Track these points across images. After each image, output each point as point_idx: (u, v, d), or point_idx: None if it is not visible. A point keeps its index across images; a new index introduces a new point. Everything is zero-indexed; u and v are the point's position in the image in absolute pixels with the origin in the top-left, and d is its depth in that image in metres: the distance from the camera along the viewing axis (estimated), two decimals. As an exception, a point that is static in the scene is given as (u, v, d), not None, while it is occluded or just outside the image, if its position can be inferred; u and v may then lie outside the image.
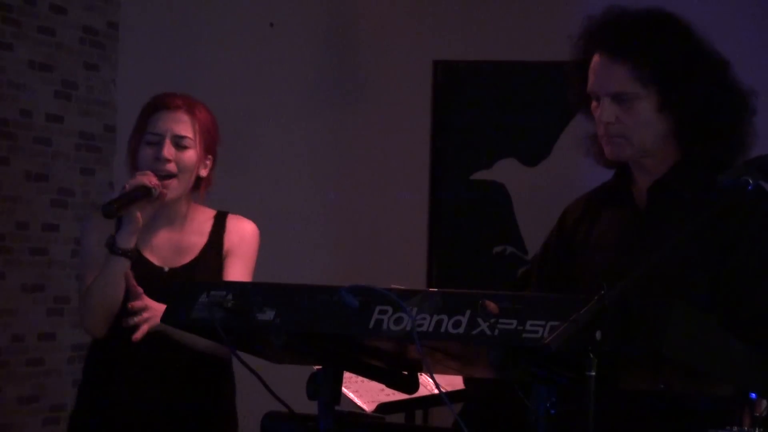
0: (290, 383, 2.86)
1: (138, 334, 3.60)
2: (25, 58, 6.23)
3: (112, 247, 3.70)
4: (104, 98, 6.75)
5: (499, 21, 6.36)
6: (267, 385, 2.85)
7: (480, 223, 6.42)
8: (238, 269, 3.83)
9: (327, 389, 2.72)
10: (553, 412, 2.45)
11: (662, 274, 2.53)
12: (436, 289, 2.55)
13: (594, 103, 3.08)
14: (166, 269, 3.82)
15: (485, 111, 6.46)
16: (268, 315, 2.67)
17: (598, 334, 2.29)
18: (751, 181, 2.54)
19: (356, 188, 6.58)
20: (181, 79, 6.53)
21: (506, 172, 6.40)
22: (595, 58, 3.07)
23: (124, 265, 3.70)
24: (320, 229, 6.59)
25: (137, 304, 3.63)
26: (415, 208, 6.50)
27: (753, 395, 2.46)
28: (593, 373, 2.29)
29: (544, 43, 5.51)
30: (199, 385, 3.83)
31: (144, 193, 3.68)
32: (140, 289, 3.64)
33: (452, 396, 3.51)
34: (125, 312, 3.68)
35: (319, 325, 2.62)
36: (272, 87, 6.67)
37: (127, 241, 3.70)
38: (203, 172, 3.87)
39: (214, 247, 3.83)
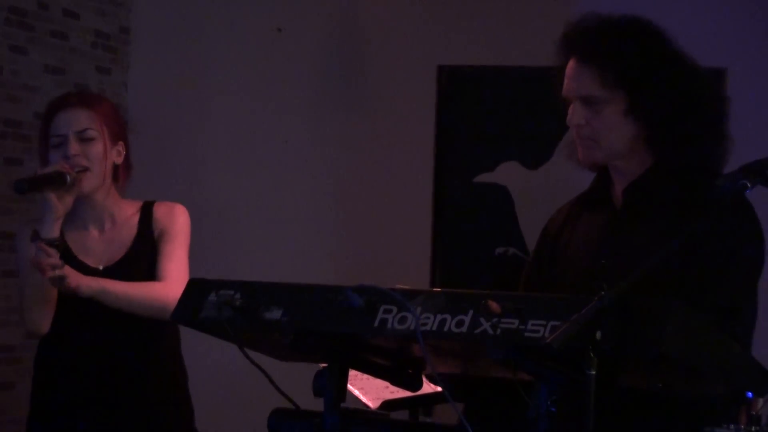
0: (297, 381, 2.86)
1: (71, 282, 3.57)
2: (39, 62, 6.23)
3: (37, 239, 3.64)
4: (116, 101, 6.73)
5: (502, 27, 6.35)
6: (274, 382, 2.85)
7: (483, 225, 6.42)
8: (169, 250, 3.81)
9: (333, 386, 2.72)
10: (553, 409, 2.45)
11: (653, 275, 2.52)
12: (439, 289, 2.55)
13: (570, 107, 3.10)
14: (101, 268, 3.80)
15: (488, 115, 6.46)
16: (276, 314, 2.67)
17: (598, 334, 2.29)
18: (749, 185, 2.54)
19: (362, 190, 6.58)
20: (191, 82, 6.54)
21: (509, 175, 6.40)
22: (570, 63, 3.09)
23: (51, 254, 3.61)
24: (327, 230, 6.58)
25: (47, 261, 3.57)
26: (419, 210, 6.50)
27: (749, 394, 2.46)
28: (593, 372, 2.29)
29: (546, 49, 5.50)
30: (150, 374, 3.83)
31: (56, 178, 3.65)
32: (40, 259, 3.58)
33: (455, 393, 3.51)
34: (62, 306, 3.67)
35: (325, 323, 2.62)
36: (280, 90, 6.67)
37: (49, 230, 3.66)
38: (117, 159, 3.85)
39: (145, 237, 3.82)
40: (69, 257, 3.71)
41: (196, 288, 2.83)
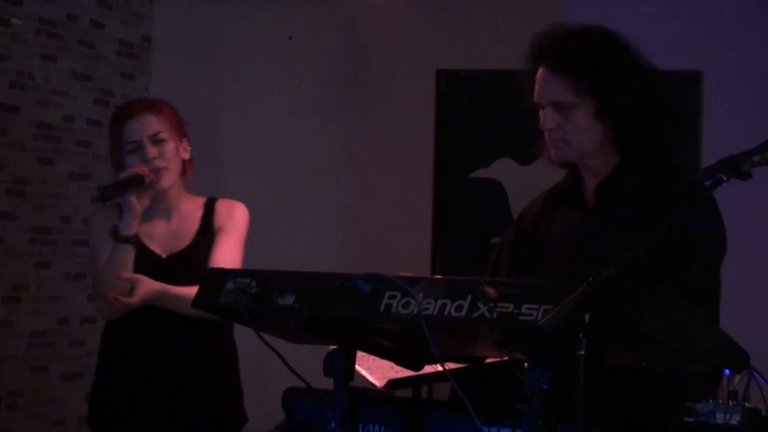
0: (308, 362, 2.86)
1: (136, 298, 3.63)
2: (67, 69, 6.24)
3: (116, 235, 3.70)
4: (139, 105, 6.75)
5: (496, 33, 6.35)
6: (287, 363, 2.85)
7: (479, 217, 6.42)
8: (224, 243, 3.81)
9: (342, 367, 2.72)
10: (546, 387, 2.45)
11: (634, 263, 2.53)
12: (440, 276, 2.55)
13: (541, 111, 3.10)
14: (165, 256, 3.81)
15: (484, 115, 6.46)
16: (288, 300, 2.67)
17: (586, 317, 2.29)
18: (725, 178, 2.54)
19: (367, 185, 6.58)
20: (208, 86, 6.54)
21: (503, 170, 6.40)
22: (540, 71, 3.09)
23: (127, 251, 3.69)
24: (335, 222, 6.59)
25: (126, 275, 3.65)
26: (420, 204, 6.50)
27: (727, 372, 2.46)
28: (582, 352, 2.29)
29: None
30: (205, 358, 3.82)
31: (137, 181, 3.68)
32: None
33: (454, 373, 3.51)
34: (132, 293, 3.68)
35: (335, 308, 2.62)
36: (291, 93, 6.67)
37: (128, 228, 3.70)
38: (185, 156, 3.86)
39: (207, 231, 3.82)
40: (138, 245, 3.73)
41: (215, 276, 2.83)
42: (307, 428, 2.85)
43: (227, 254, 3.78)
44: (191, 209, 3.87)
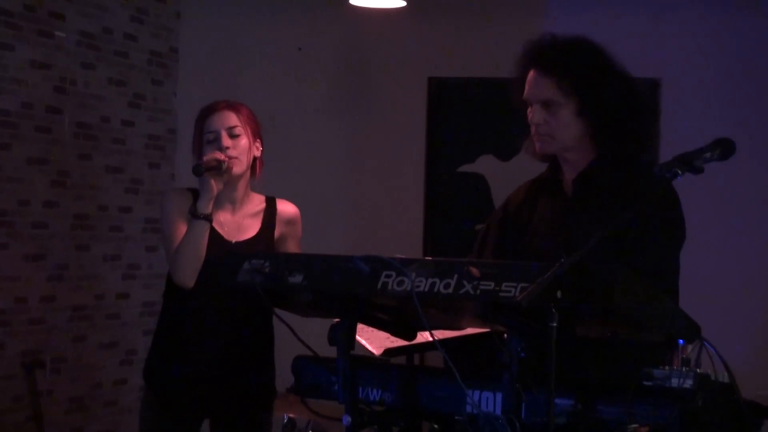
0: (315, 333, 2.86)
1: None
2: (104, 76, 6.22)
3: (195, 213, 3.70)
4: (167, 107, 6.74)
5: (480, 47, 6.34)
6: (297, 334, 2.85)
7: (465, 206, 6.41)
8: (294, 246, 3.87)
9: (344, 337, 2.72)
10: (523, 355, 2.45)
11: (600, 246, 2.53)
12: (430, 258, 2.55)
13: (529, 109, 3.10)
14: (233, 242, 3.81)
15: (469, 117, 6.45)
16: (297, 278, 2.67)
17: (558, 293, 2.29)
18: (680, 172, 2.54)
19: (367, 178, 6.58)
20: (228, 91, 6.50)
21: (486, 165, 6.40)
22: (530, 73, 3.10)
23: (204, 226, 3.70)
24: (339, 211, 6.58)
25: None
26: (413, 194, 6.49)
27: (681, 341, 2.46)
28: (555, 324, 2.29)
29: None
30: (251, 334, 3.82)
31: (217, 164, 3.70)
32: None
33: (443, 343, 3.51)
34: (206, 265, 3.69)
35: (338, 286, 2.62)
36: (300, 97, 6.66)
37: (206, 207, 3.70)
38: (257, 153, 3.87)
39: (269, 227, 3.83)
40: (211, 224, 3.74)
41: (233, 258, 2.83)
42: (314, 390, 2.85)
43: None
44: (254, 203, 3.88)
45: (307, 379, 2.85)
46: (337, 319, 2.76)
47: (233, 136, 3.79)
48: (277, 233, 3.85)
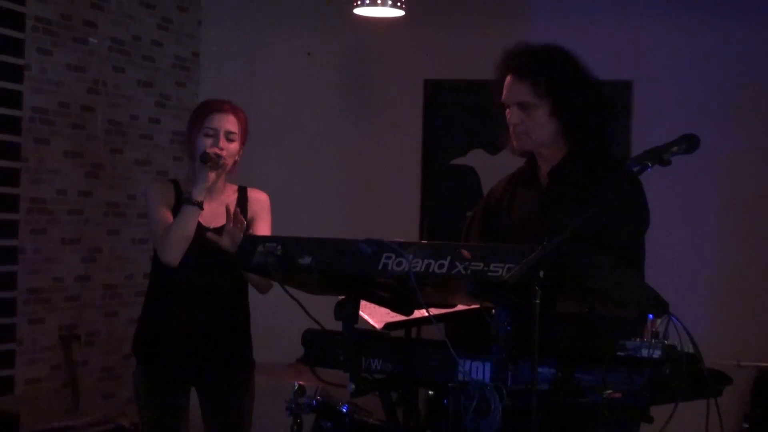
0: (322, 308, 2.86)
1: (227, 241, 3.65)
2: (133, 78, 6.22)
3: (189, 199, 3.69)
4: (190, 107, 6.72)
5: (471, 51, 6.33)
6: (306, 309, 2.84)
7: (457, 195, 6.41)
8: (262, 226, 3.85)
9: (349, 312, 2.73)
10: (509, 329, 2.45)
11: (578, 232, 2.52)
12: (426, 241, 2.55)
13: (507, 110, 3.10)
14: (211, 227, 3.80)
15: (462, 115, 6.44)
16: (307, 260, 2.67)
17: (541, 273, 2.29)
18: (650, 164, 2.54)
19: (369, 171, 6.58)
20: (244, 91, 6.52)
21: (476, 159, 6.39)
22: (507, 78, 3.11)
23: (195, 212, 3.70)
24: (343, 200, 6.58)
25: (238, 219, 3.65)
26: (410, 185, 6.49)
27: (651, 316, 2.46)
28: (538, 301, 2.29)
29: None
30: (230, 308, 3.82)
31: (217, 159, 3.72)
32: (242, 217, 3.66)
33: (437, 317, 3.51)
34: (193, 245, 3.69)
35: (343, 266, 2.61)
36: (309, 97, 6.65)
37: (199, 194, 3.71)
38: (238, 157, 3.87)
39: (242, 212, 3.80)
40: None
41: (249, 242, 2.83)
42: (321, 360, 2.85)
43: (264, 233, 3.80)
44: (228, 194, 3.88)
45: (315, 350, 2.85)
46: (342, 296, 2.77)
47: (229, 140, 3.79)
48: (249, 216, 3.84)
